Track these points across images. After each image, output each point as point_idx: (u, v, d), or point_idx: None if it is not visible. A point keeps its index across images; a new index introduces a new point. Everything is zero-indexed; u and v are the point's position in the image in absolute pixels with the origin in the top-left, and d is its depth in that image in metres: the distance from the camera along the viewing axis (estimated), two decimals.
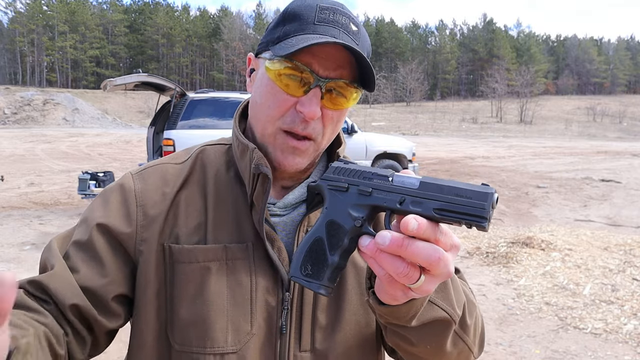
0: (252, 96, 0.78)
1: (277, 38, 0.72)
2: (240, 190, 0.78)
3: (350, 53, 0.69)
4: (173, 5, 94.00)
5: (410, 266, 0.52)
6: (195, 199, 0.77)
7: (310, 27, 0.70)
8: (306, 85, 0.70)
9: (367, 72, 0.71)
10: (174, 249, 0.74)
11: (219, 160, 0.81)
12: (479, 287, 4.69)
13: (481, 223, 0.49)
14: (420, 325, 0.65)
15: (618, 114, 62.27)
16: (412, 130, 47.93)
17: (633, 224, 7.82)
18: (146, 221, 0.75)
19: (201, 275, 0.72)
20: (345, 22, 0.71)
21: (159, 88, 8.58)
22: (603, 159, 19.23)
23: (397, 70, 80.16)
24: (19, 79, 72.00)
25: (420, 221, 0.50)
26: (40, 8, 73.76)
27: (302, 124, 0.72)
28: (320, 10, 0.71)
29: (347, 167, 0.60)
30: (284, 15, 0.73)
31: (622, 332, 3.72)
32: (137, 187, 0.77)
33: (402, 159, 9.26)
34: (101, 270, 0.73)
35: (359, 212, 0.57)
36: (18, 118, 40.83)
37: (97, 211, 0.76)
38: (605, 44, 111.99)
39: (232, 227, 0.75)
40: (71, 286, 0.70)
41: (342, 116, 0.76)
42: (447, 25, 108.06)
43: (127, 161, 15.74)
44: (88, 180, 6.05)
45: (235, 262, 0.73)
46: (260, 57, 0.76)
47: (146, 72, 8.69)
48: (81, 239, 0.74)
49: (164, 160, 0.82)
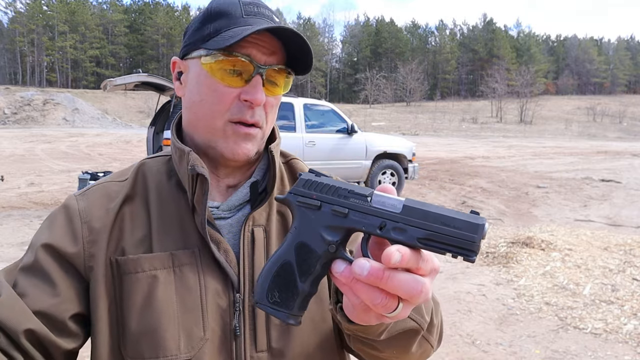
0: (188, 98, 0.78)
1: (207, 35, 0.73)
2: (182, 198, 0.77)
3: (278, 39, 0.73)
4: (173, 5, 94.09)
5: (388, 297, 0.48)
6: (138, 211, 0.77)
7: (241, 21, 0.72)
8: (246, 74, 0.73)
9: (301, 52, 0.74)
10: (120, 261, 0.73)
11: (160, 171, 0.81)
12: (479, 287, 4.69)
13: (470, 257, 0.45)
14: (389, 337, 0.64)
15: (618, 114, 62.27)
16: (412, 130, 47.93)
17: (633, 224, 7.82)
18: (92, 237, 0.74)
19: (148, 284, 0.71)
20: (269, 14, 0.75)
21: (159, 88, 8.59)
22: (603, 159, 19.23)
23: (397, 70, 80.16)
24: (19, 79, 72.00)
25: (403, 252, 0.46)
26: (40, 8, 73.75)
27: (249, 112, 0.74)
28: (244, 5, 0.74)
29: (319, 181, 0.53)
30: (209, 13, 0.75)
31: (622, 332, 3.72)
32: (81, 206, 0.77)
33: (402, 159, 9.26)
34: (52, 291, 0.70)
35: (332, 236, 0.51)
36: (18, 118, 40.83)
37: (42, 234, 0.75)
38: (605, 44, 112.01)
39: (177, 234, 0.75)
40: (22, 311, 0.68)
41: (278, 103, 0.80)
42: (447, 25, 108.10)
43: (127, 161, 15.74)
44: (88, 180, 6.05)
45: (183, 268, 0.73)
46: (190, 57, 0.76)
47: (146, 72, 8.69)
48: (27, 263, 0.72)
49: (106, 179, 0.82)
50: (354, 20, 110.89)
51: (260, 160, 0.84)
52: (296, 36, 0.71)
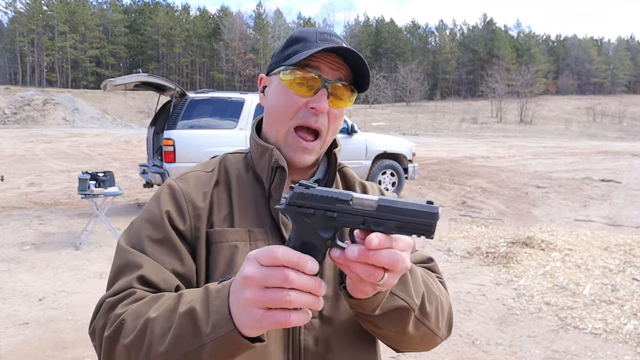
0: (267, 107, 0.95)
1: (287, 56, 0.91)
2: (257, 187, 0.94)
3: (344, 60, 0.89)
4: (173, 5, 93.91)
5: (375, 269, 0.63)
6: (223, 195, 0.93)
7: (314, 45, 0.89)
8: (315, 87, 0.88)
9: (361, 75, 0.90)
10: (209, 233, 0.88)
11: (239, 165, 0.98)
12: (479, 287, 4.69)
13: (430, 236, 0.62)
14: (384, 313, 0.77)
15: (618, 114, 62.28)
16: (412, 130, 47.93)
17: (633, 224, 7.82)
18: (196, 212, 0.89)
19: (230, 252, 0.86)
20: (339, 42, 0.91)
21: (159, 88, 8.59)
22: (603, 159, 19.23)
23: (397, 70, 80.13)
24: (19, 79, 71.96)
25: (380, 237, 0.61)
26: (40, 8, 73.69)
27: (313, 117, 0.89)
28: (319, 34, 0.91)
29: (310, 193, 0.65)
30: (290, 40, 0.93)
31: (622, 332, 3.72)
32: (183, 188, 0.92)
33: (402, 159, 9.26)
34: (180, 260, 0.86)
35: (327, 233, 0.65)
36: (18, 118, 40.81)
37: (155, 208, 0.90)
38: (605, 44, 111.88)
39: (253, 215, 0.91)
40: (167, 274, 0.83)
41: (342, 115, 0.94)
42: (447, 25, 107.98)
43: (127, 161, 15.74)
44: (88, 180, 6.03)
45: (257, 243, 0.88)
46: (272, 74, 0.94)
47: (146, 72, 8.70)
48: (150, 234, 0.87)
49: (195, 169, 0.98)
50: (354, 20, 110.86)
51: (321, 161, 0.99)
52: (357, 57, 0.86)
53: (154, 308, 0.73)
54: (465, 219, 7.98)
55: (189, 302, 0.70)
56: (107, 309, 0.79)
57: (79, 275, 4.89)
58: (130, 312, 0.75)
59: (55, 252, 5.67)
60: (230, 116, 7.92)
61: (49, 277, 4.83)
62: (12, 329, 3.64)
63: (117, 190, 6.33)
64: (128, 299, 0.78)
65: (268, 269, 0.61)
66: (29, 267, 5.10)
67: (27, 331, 3.60)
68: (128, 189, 9.85)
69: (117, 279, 0.83)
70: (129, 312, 0.75)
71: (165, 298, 0.76)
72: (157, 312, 0.72)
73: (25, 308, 4.04)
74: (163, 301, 0.75)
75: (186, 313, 0.69)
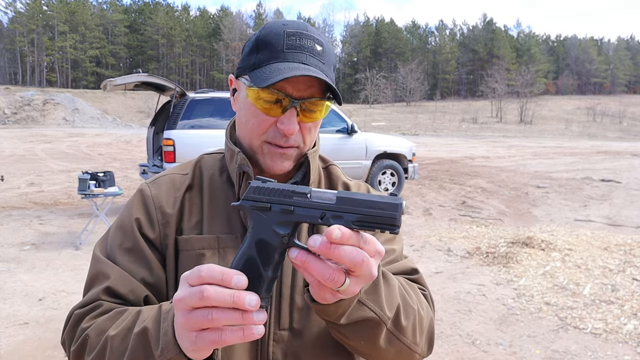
0: (237, 115, 0.90)
1: (252, 65, 0.82)
2: (231, 191, 0.90)
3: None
4: (173, 5, 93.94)
5: (335, 272, 0.58)
6: (196, 200, 0.90)
7: (281, 55, 0.79)
8: (283, 106, 0.81)
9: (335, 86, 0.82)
10: (178, 240, 0.86)
11: (214, 166, 0.94)
12: (479, 287, 4.69)
13: (394, 230, 0.57)
14: (351, 323, 0.71)
15: (618, 114, 62.26)
16: (412, 130, 47.92)
17: (633, 224, 7.82)
18: (165, 219, 0.87)
19: (197, 261, 0.82)
20: (311, 45, 0.81)
21: (159, 88, 8.58)
22: (603, 159, 19.23)
23: (397, 70, 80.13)
24: (19, 79, 71.98)
25: (343, 230, 0.56)
26: (40, 8, 73.71)
27: (283, 139, 0.83)
28: (287, 37, 0.80)
29: (266, 187, 0.62)
30: (257, 42, 0.83)
31: (622, 332, 3.72)
32: (153, 193, 0.90)
33: (402, 159, 9.26)
34: (149, 269, 0.84)
35: (283, 230, 0.61)
36: (18, 118, 40.81)
37: (127, 216, 0.88)
38: (605, 44, 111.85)
39: (223, 221, 0.87)
40: (137, 286, 0.81)
41: (317, 125, 0.88)
42: (447, 25, 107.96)
43: (127, 161, 15.74)
44: (88, 180, 6.03)
45: (226, 250, 0.85)
46: (240, 79, 0.86)
47: (146, 72, 8.69)
48: (121, 242, 0.86)
49: (171, 171, 0.96)
50: (353, 20, 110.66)
51: (302, 164, 0.94)
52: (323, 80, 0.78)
53: (114, 325, 0.73)
54: (465, 219, 7.99)
55: (144, 322, 0.70)
56: (75, 322, 0.80)
57: (79, 275, 4.89)
58: (93, 328, 0.76)
59: (55, 252, 5.67)
60: (230, 116, 7.84)
61: (49, 277, 4.83)
62: (12, 329, 3.64)
63: (117, 190, 6.33)
64: (94, 312, 0.79)
65: (191, 288, 0.58)
66: (29, 267, 5.10)
67: (27, 331, 3.60)
68: (128, 189, 9.84)
69: (88, 289, 0.83)
70: (92, 327, 0.76)
71: (127, 314, 0.75)
72: (117, 329, 0.72)
73: (25, 308, 4.04)
74: (124, 317, 0.74)
75: (140, 333, 0.69)
